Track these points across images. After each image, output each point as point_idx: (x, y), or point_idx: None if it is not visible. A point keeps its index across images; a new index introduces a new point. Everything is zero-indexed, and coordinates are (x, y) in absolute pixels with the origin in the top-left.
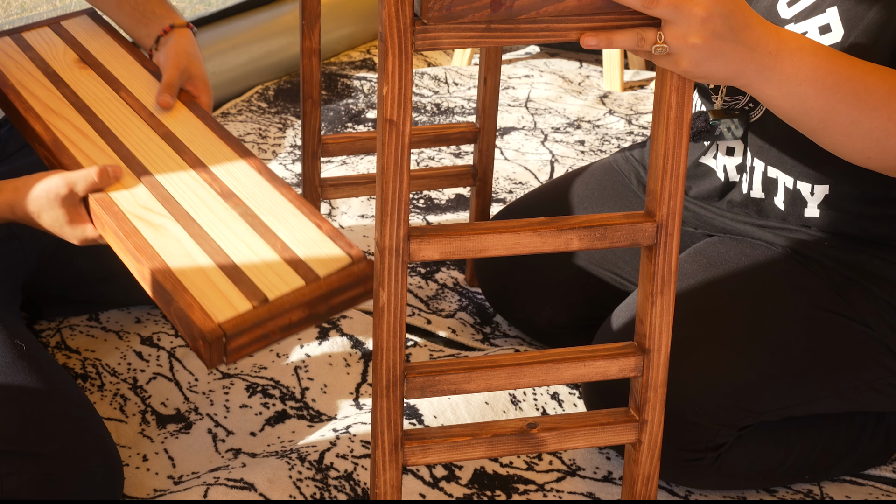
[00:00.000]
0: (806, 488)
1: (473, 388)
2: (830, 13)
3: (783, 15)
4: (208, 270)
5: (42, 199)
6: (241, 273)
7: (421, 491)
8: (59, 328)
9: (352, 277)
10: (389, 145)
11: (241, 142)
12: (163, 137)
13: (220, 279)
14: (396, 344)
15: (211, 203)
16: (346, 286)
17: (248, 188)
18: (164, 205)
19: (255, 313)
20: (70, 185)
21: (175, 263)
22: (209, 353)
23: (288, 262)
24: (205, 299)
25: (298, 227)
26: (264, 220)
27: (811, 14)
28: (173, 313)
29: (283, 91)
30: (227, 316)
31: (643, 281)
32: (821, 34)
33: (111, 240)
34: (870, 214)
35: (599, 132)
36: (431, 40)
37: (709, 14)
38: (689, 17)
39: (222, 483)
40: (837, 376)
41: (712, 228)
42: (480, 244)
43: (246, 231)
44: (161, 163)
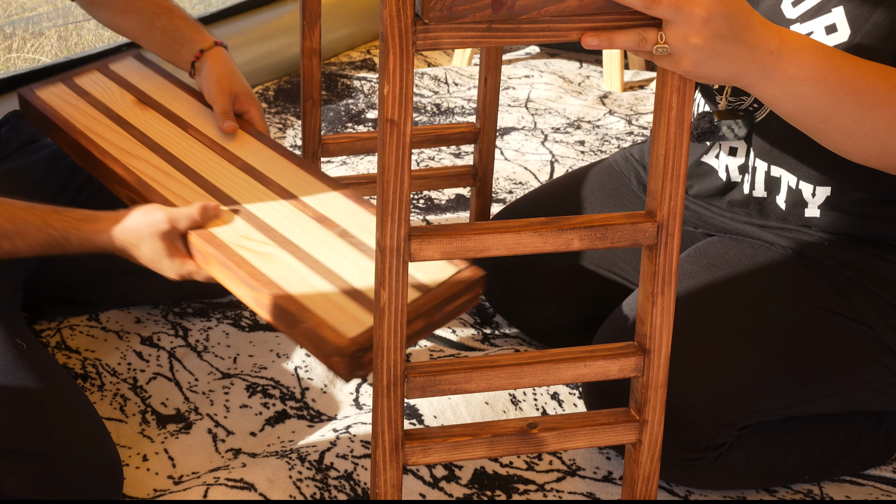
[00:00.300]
0: (806, 488)
1: (474, 388)
2: (836, 13)
3: (788, 15)
4: (326, 290)
5: (143, 231)
6: (357, 291)
7: (421, 491)
8: (59, 328)
9: (461, 284)
10: (390, 145)
11: (314, 166)
12: (242, 169)
13: (340, 298)
14: (397, 344)
15: (308, 228)
16: (457, 293)
17: (338, 210)
18: (264, 233)
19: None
20: (172, 221)
21: (292, 287)
22: (346, 368)
23: None
24: (331, 318)
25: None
26: (363, 240)
27: (817, 14)
28: (301, 334)
29: (283, 91)
30: (357, 331)
31: (644, 281)
32: (827, 34)
33: (218, 272)
34: (870, 215)
35: (599, 132)
36: (432, 40)
37: (710, 14)
38: (691, 17)
39: (222, 483)
40: (837, 376)
41: (713, 228)
42: (481, 244)
43: (349, 251)
44: (248, 194)
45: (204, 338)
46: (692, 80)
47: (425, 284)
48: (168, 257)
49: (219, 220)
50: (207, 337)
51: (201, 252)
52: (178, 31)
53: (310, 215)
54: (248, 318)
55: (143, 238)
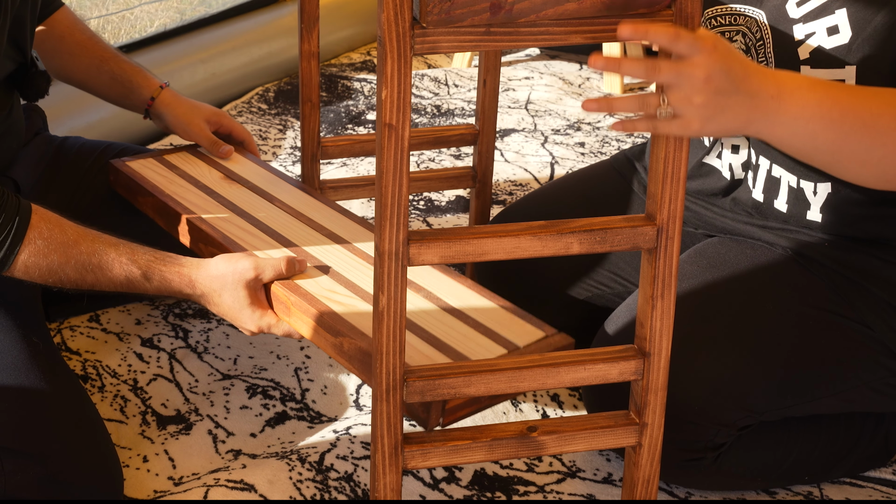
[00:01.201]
0: (806, 490)
1: (473, 392)
2: (839, 14)
3: (792, 14)
4: (411, 340)
5: (227, 278)
6: (443, 343)
7: (421, 492)
8: (59, 329)
9: (550, 348)
10: (389, 149)
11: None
12: (327, 236)
13: (425, 348)
14: (396, 348)
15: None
16: None
17: (419, 274)
18: (348, 288)
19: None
20: (258, 271)
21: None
22: (429, 415)
23: (485, 334)
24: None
25: (481, 306)
26: (445, 300)
27: (820, 15)
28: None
29: (283, 92)
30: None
31: (643, 284)
32: (829, 35)
33: (299, 321)
34: (871, 215)
35: (599, 134)
36: (430, 44)
37: (709, 73)
38: (691, 78)
39: (222, 484)
40: (837, 377)
41: (713, 229)
42: (480, 248)
43: (432, 307)
44: (329, 254)
45: (204, 339)
46: None
47: (513, 343)
48: (249, 307)
49: (303, 274)
50: (208, 338)
51: (283, 303)
52: (126, 76)
53: None
54: None
55: (226, 286)
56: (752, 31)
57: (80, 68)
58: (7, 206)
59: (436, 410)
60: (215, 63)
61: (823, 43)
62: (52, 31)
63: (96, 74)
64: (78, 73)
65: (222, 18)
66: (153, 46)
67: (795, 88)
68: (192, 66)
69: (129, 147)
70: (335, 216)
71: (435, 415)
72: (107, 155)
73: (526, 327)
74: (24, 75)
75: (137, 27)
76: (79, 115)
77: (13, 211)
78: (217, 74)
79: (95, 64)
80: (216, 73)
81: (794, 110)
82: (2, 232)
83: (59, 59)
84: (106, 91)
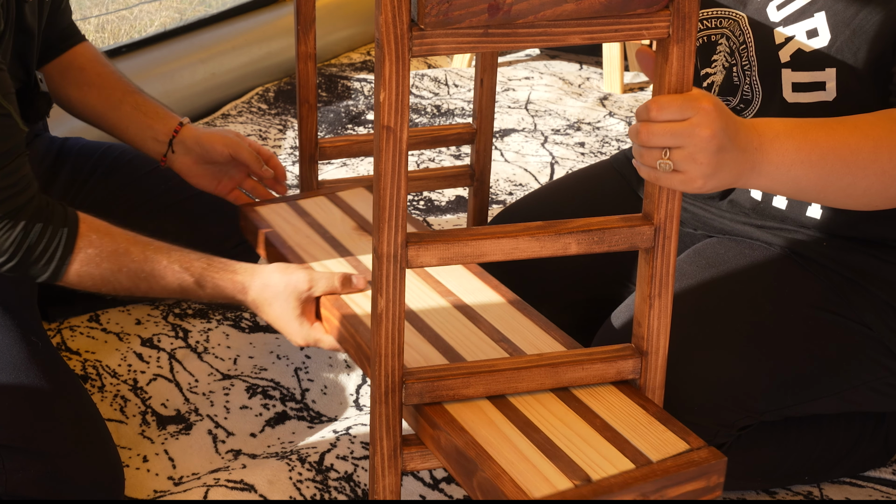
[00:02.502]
0: (806, 490)
1: (472, 394)
2: (818, 17)
3: (773, 18)
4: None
5: (279, 287)
6: (554, 447)
7: (421, 492)
8: (59, 329)
9: (692, 466)
10: (387, 152)
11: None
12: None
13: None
14: (395, 350)
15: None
16: (686, 477)
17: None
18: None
19: (577, 493)
20: (310, 283)
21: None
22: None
23: (611, 441)
24: (514, 470)
25: (619, 406)
26: (576, 394)
27: (799, 18)
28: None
29: (283, 92)
30: (545, 492)
31: (641, 283)
32: (808, 38)
33: (338, 337)
34: (869, 215)
35: (600, 134)
36: (429, 46)
37: (714, 132)
38: (697, 138)
39: (222, 484)
40: (836, 376)
41: (711, 229)
42: (479, 249)
43: (552, 400)
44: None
45: (204, 339)
46: (689, 85)
47: (645, 455)
48: (297, 318)
49: (360, 292)
50: (207, 338)
51: (326, 319)
52: (150, 106)
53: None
54: (248, 319)
55: (277, 296)
56: (735, 35)
57: (99, 100)
58: (54, 216)
59: None
60: (215, 63)
61: (803, 46)
62: (73, 62)
63: (118, 105)
64: (97, 105)
65: (222, 18)
66: (153, 46)
67: (774, 137)
68: (192, 66)
69: (128, 149)
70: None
71: None
72: (107, 156)
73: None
74: (26, 96)
75: (137, 27)
76: None
77: (60, 221)
78: (217, 74)
79: (118, 95)
80: (216, 73)
81: (775, 159)
82: (51, 243)
83: (78, 90)
84: (125, 124)
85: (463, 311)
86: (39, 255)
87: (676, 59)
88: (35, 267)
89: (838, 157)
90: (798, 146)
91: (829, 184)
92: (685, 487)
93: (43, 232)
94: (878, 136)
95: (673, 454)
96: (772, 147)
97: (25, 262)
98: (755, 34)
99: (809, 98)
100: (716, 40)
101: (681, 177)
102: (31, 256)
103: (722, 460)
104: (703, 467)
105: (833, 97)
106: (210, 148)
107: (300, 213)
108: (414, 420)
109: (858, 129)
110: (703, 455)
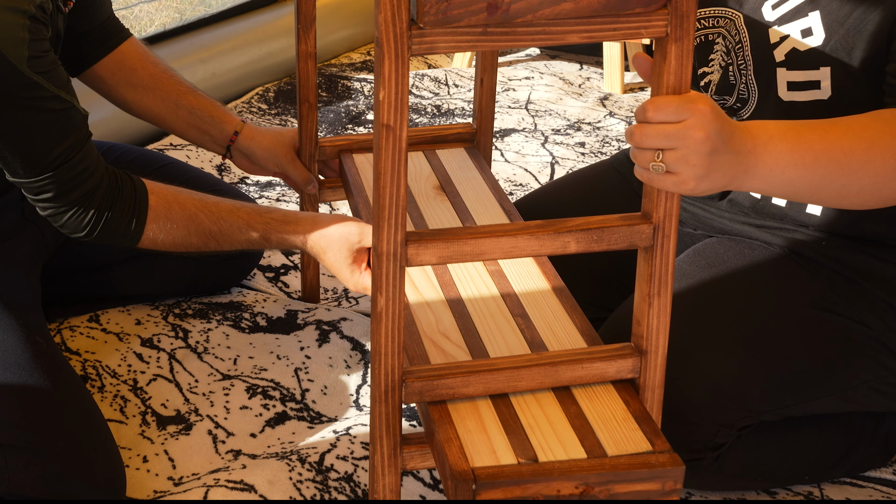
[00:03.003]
0: (806, 490)
1: (472, 392)
2: (812, 17)
3: (767, 17)
4: (482, 409)
5: (334, 237)
6: (517, 425)
7: (421, 492)
8: (59, 329)
9: (645, 467)
10: (386, 150)
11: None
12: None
13: (492, 421)
14: (395, 349)
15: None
16: (637, 477)
17: (532, 295)
18: (462, 334)
19: (517, 470)
20: (361, 236)
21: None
22: (454, 496)
23: (576, 429)
24: (468, 438)
25: (604, 400)
26: (535, 325)
27: (794, 17)
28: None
29: (283, 92)
30: (484, 463)
31: (640, 283)
32: (803, 37)
33: None
34: (868, 214)
35: (600, 134)
36: (428, 45)
37: (707, 134)
38: (690, 140)
39: (222, 484)
40: (836, 376)
41: (711, 229)
42: (478, 248)
43: (511, 329)
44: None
45: (204, 339)
46: (687, 84)
47: (602, 448)
48: (348, 267)
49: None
50: (207, 338)
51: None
52: (206, 110)
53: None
54: (248, 319)
55: (331, 245)
56: (731, 34)
57: (155, 103)
58: (124, 191)
59: (463, 494)
60: (215, 63)
61: (798, 45)
62: (122, 62)
63: (174, 109)
64: (154, 107)
65: (222, 18)
66: (153, 46)
67: (767, 140)
68: (192, 66)
69: (131, 149)
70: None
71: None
72: (108, 156)
73: (631, 435)
74: None
75: (137, 27)
76: None
77: (130, 195)
78: (217, 74)
79: (173, 98)
80: (216, 73)
81: (769, 162)
82: (124, 218)
83: (133, 93)
84: (184, 127)
85: (495, 276)
86: (114, 229)
87: (675, 57)
88: (112, 238)
89: (832, 159)
90: (791, 149)
91: (823, 185)
92: (635, 486)
93: (117, 208)
94: (871, 138)
95: (631, 452)
96: (765, 150)
97: (103, 237)
98: (750, 33)
99: (805, 97)
100: (712, 39)
101: (673, 178)
102: (108, 231)
103: (680, 468)
104: (656, 470)
105: (828, 95)
106: (263, 165)
107: None
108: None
109: (851, 130)
110: (661, 459)
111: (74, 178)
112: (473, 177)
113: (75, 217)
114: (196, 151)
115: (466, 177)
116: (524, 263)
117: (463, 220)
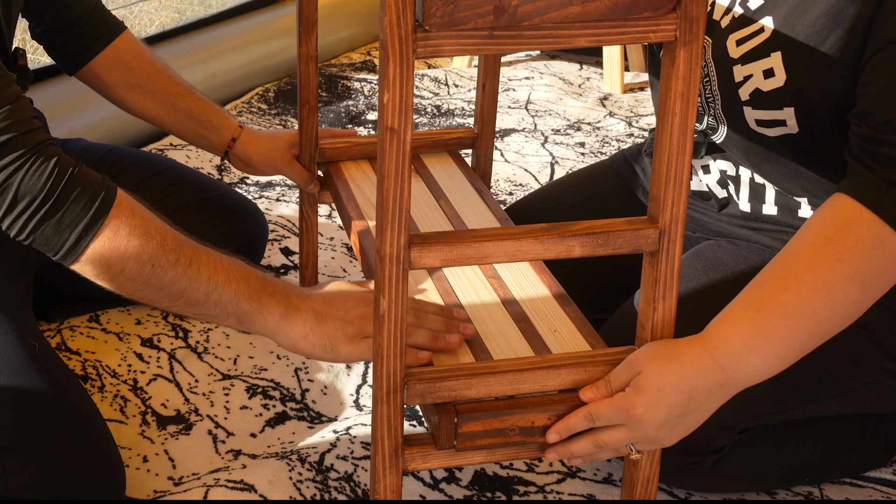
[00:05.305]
0: (806, 490)
1: (474, 394)
2: (774, 57)
3: (732, 54)
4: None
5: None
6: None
7: (421, 492)
8: (59, 329)
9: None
10: (390, 153)
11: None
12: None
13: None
14: (397, 351)
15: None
16: None
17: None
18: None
19: (495, 404)
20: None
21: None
22: (438, 431)
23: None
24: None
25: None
26: (538, 329)
27: (756, 57)
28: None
29: (283, 93)
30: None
31: (645, 287)
32: (765, 78)
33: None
34: None
35: (600, 134)
36: (433, 48)
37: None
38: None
39: (222, 484)
40: (836, 379)
41: (709, 232)
42: (482, 251)
43: (514, 333)
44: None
45: (204, 339)
46: (696, 88)
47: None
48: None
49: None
50: (207, 338)
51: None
52: (204, 114)
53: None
54: None
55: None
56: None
57: (154, 105)
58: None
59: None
60: (215, 63)
61: (761, 85)
62: (119, 59)
63: (172, 112)
64: (153, 109)
65: (222, 18)
66: (153, 46)
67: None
68: (192, 66)
69: (130, 152)
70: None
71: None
72: (108, 159)
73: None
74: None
75: (137, 27)
76: (79, 114)
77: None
78: (217, 74)
79: (171, 101)
80: (216, 73)
81: (748, 377)
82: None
83: (131, 95)
84: (182, 130)
85: (494, 282)
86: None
87: (683, 62)
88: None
89: (803, 331)
90: (764, 355)
91: (805, 349)
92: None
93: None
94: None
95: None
96: (738, 372)
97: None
98: (717, 69)
99: (773, 132)
100: None
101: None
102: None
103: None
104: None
105: (797, 131)
106: (260, 169)
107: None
108: None
109: (804, 284)
110: None
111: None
112: (464, 187)
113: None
114: (196, 151)
115: (457, 187)
116: (521, 269)
117: (456, 228)
